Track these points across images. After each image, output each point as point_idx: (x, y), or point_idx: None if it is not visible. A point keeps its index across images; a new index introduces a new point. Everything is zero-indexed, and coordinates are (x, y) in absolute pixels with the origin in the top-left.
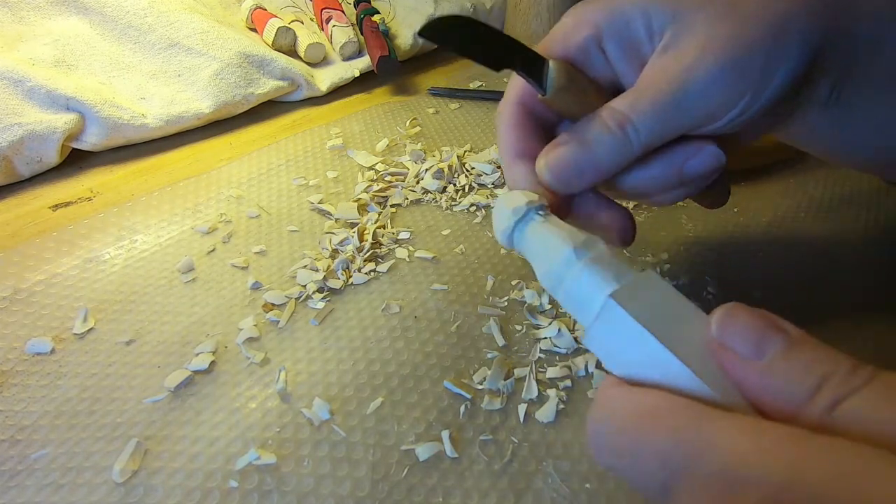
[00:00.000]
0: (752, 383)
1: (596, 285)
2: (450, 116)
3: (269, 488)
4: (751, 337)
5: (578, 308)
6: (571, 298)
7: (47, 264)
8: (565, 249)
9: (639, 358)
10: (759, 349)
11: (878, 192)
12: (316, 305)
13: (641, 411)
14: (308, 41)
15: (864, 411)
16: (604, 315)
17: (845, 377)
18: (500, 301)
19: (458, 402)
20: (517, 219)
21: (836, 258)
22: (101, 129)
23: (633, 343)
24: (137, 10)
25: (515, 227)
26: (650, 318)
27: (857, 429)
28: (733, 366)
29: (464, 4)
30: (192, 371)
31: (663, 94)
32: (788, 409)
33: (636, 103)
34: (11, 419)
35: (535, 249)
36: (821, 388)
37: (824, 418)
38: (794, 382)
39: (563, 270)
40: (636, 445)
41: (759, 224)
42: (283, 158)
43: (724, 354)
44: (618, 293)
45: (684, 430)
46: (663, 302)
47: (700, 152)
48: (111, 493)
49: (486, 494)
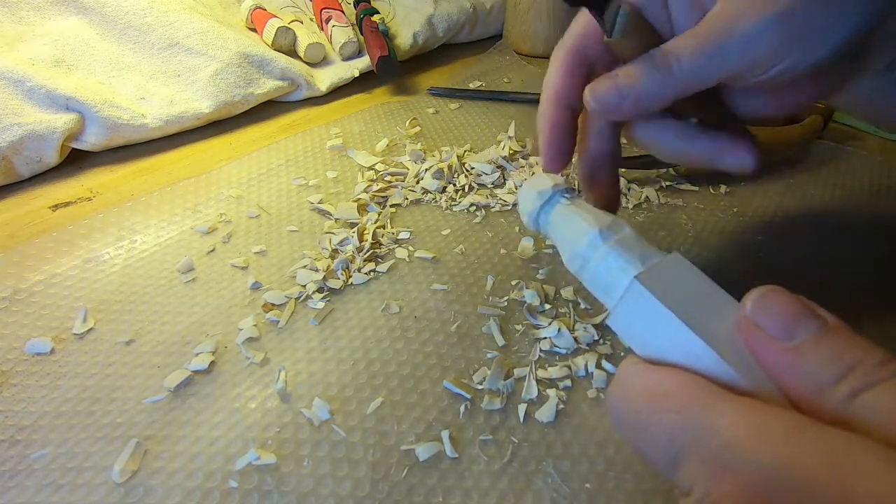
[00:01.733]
0: (777, 364)
1: (621, 267)
2: (449, 116)
3: (268, 488)
4: (784, 318)
5: (603, 290)
6: (596, 280)
7: (47, 264)
8: (591, 232)
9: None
10: (790, 331)
11: (878, 193)
12: (316, 305)
13: (655, 391)
14: (308, 41)
15: (882, 403)
16: (628, 297)
17: (873, 368)
18: (500, 301)
19: (458, 402)
20: (543, 202)
21: (836, 258)
22: (101, 129)
23: (657, 325)
24: (137, 10)
25: (541, 210)
26: (675, 300)
27: (873, 420)
28: (761, 345)
29: (463, 4)
30: (192, 371)
31: (709, 35)
32: (810, 394)
33: (684, 41)
34: (11, 419)
35: (560, 232)
36: (845, 376)
37: (842, 406)
38: (820, 367)
39: (589, 252)
40: (648, 424)
41: (759, 224)
42: (282, 158)
43: (754, 333)
44: (643, 275)
45: (691, 411)
46: (689, 284)
47: (739, 152)
48: (111, 494)
49: (486, 494)
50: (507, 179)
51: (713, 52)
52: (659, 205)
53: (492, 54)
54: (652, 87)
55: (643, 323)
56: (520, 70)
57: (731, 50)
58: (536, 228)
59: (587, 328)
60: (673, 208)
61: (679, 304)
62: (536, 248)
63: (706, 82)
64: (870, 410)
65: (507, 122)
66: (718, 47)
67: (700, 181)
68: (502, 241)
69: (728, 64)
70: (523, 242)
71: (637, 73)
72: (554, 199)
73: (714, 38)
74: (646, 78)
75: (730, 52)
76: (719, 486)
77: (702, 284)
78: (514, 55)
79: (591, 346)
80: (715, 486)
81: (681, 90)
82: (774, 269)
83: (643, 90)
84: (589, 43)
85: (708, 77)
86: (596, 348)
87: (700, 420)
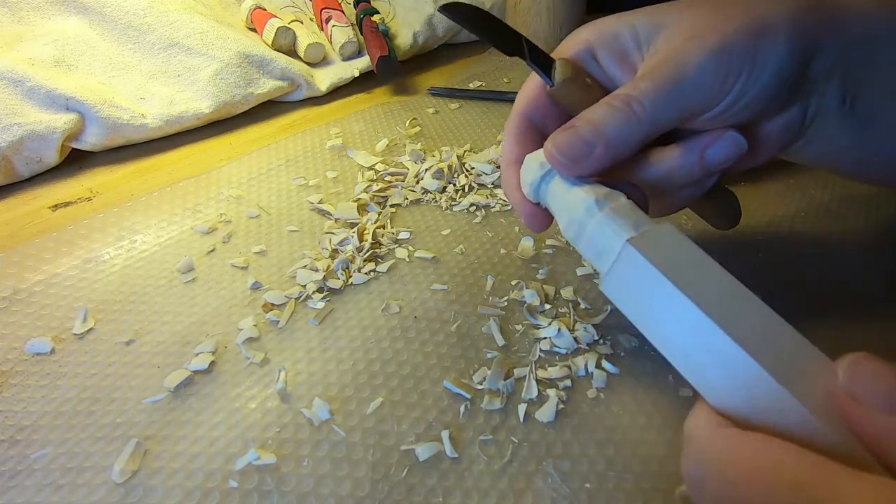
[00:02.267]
0: (880, 437)
1: (614, 233)
2: (449, 116)
3: (268, 488)
4: (886, 389)
5: (598, 256)
6: (591, 246)
7: (47, 264)
8: (588, 200)
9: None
10: (893, 402)
11: (878, 193)
12: (316, 305)
13: (759, 466)
14: (308, 41)
15: None
16: (621, 260)
17: None
18: (500, 301)
19: (458, 402)
20: (543, 172)
21: (836, 258)
22: (101, 129)
23: (649, 288)
24: (137, 10)
25: (542, 181)
26: (667, 264)
27: None
28: (860, 418)
29: None
30: (192, 371)
31: (662, 74)
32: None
33: (637, 85)
34: (11, 419)
35: (559, 201)
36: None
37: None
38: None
39: (585, 219)
40: (749, 500)
41: (759, 224)
42: (282, 158)
43: (851, 406)
44: (635, 239)
45: (813, 491)
46: (681, 251)
47: (721, 138)
48: (111, 494)
49: (486, 494)
50: None
51: (671, 89)
52: None
53: (492, 54)
54: (620, 131)
55: (636, 287)
56: (520, 70)
57: (686, 86)
58: (537, 198)
59: (587, 328)
60: None
61: (671, 268)
62: (536, 248)
63: (669, 121)
64: None
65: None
66: (675, 85)
67: None
68: (502, 241)
69: (686, 100)
70: (523, 242)
71: (599, 119)
72: (553, 170)
73: (670, 78)
74: (611, 123)
75: (685, 88)
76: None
77: (694, 252)
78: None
79: (591, 346)
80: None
81: (647, 132)
82: (774, 270)
83: (612, 135)
84: (537, 105)
85: (670, 115)
86: (596, 348)
87: (824, 500)
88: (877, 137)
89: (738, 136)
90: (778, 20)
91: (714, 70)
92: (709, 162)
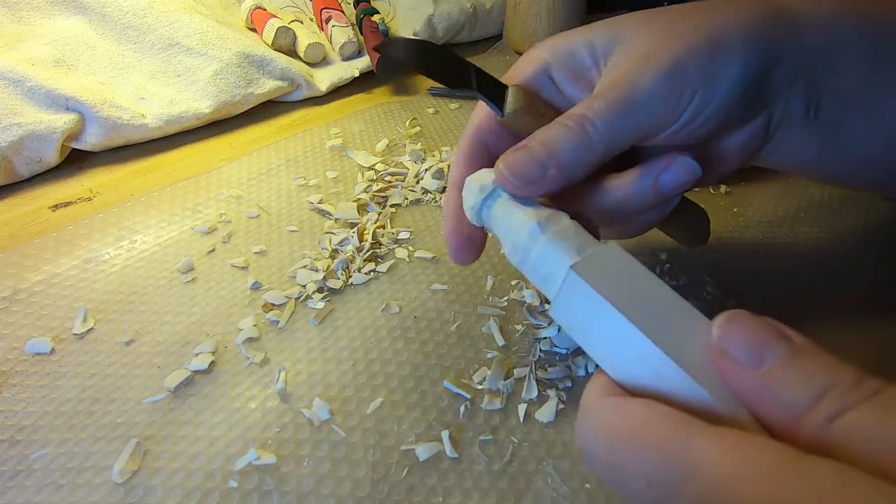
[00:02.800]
0: (750, 392)
1: (558, 258)
2: (449, 116)
3: (268, 488)
4: (752, 344)
5: (544, 281)
6: (537, 272)
7: (47, 265)
8: (529, 223)
9: (601, 330)
10: (759, 357)
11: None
12: (316, 305)
13: (627, 426)
14: (308, 41)
15: (862, 427)
16: (566, 287)
17: (847, 389)
18: (500, 301)
19: (458, 402)
20: (484, 196)
21: (836, 258)
22: (101, 129)
23: (594, 314)
24: (137, 10)
25: (483, 205)
26: (611, 289)
27: (854, 445)
28: (731, 373)
29: (463, 4)
30: (192, 371)
31: (615, 95)
32: (786, 420)
33: (591, 104)
34: (11, 419)
35: (501, 225)
36: (821, 400)
37: (820, 431)
38: (794, 392)
39: (529, 244)
40: (623, 464)
41: (759, 224)
42: (282, 158)
43: (723, 361)
44: (579, 265)
45: (669, 449)
46: (625, 273)
47: (674, 163)
48: (111, 494)
49: (486, 494)
50: None
51: (622, 107)
52: None
53: (492, 54)
54: (574, 152)
55: (581, 313)
56: None
57: (639, 108)
58: (479, 222)
59: None
60: None
61: (615, 293)
62: None
63: (624, 142)
64: (849, 435)
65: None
66: (628, 106)
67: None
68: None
69: (639, 121)
70: None
71: (552, 139)
72: (495, 193)
73: (622, 99)
74: (565, 143)
75: (639, 109)
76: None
77: (638, 274)
78: (514, 55)
79: None
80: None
81: (601, 153)
82: (774, 269)
83: (566, 157)
84: (489, 129)
85: (624, 136)
86: None
87: (680, 459)
88: (842, 144)
89: (691, 162)
90: (733, 35)
91: (667, 92)
92: (663, 188)
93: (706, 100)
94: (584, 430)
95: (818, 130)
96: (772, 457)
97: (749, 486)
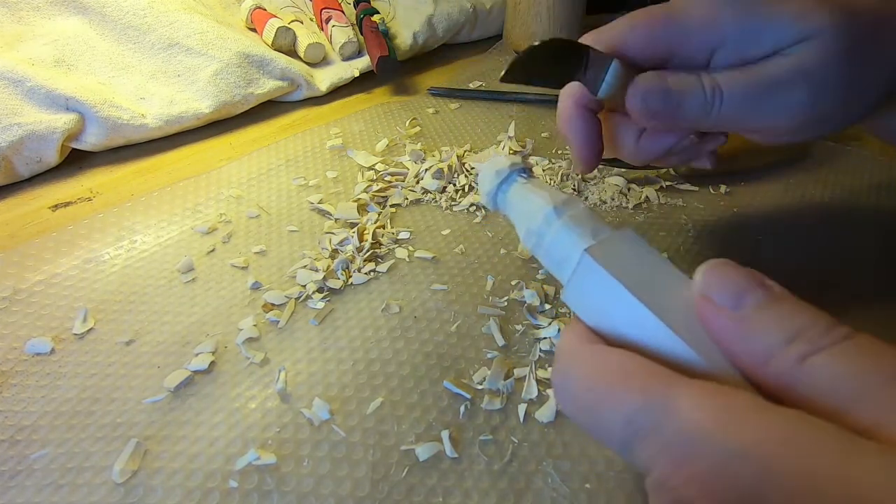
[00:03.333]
0: (727, 334)
1: (573, 242)
2: (449, 116)
3: (268, 488)
4: (731, 288)
5: (558, 265)
6: (551, 256)
7: (47, 265)
8: (545, 208)
9: (614, 313)
10: (737, 300)
11: (877, 193)
12: (316, 305)
13: (610, 369)
14: (308, 41)
15: (830, 368)
16: (580, 270)
17: (820, 333)
18: (500, 301)
19: (458, 402)
20: (500, 181)
21: (836, 258)
22: (101, 129)
23: (608, 298)
24: (137, 10)
25: (499, 189)
26: (626, 273)
27: (821, 385)
28: (711, 315)
29: (463, 4)
30: (192, 371)
31: (759, 84)
32: (758, 361)
33: (734, 79)
34: (11, 419)
35: (517, 209)
36: (793, 341)
37: (791, 371)
38: (767, 334)
39: (544, 228)
40: (603, 403)
41: (759, 224)
42: (282, 158)
43: (704, 305)
44: (593, 248)
45: (651, 393)
46: (641, 259)
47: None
48: (111, 494)
49: (486, 494)
50: None
51: (757, 98)
52: (659, 205)
53: (492, 54)
54: (691, 109)
55: (595, 297)
56: None
57: (771, 103)
58: (495, 207)
59: None
60: (673, 208)
61: (629, 276)
62: None
63: (739, 124)
64: (818, 375)
65: (507, 122)
66: (763, 96)
67: (700, 181)
68: (502, 241)
69: (763, 119)
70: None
71: (685, 90)
72: (511, 178)
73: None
74: (689, 98)
75: (770, 105)
76: (678, 470)
77: (653, 259)
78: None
79: None
80: (674, 471)
81: (713, 122)
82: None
83: (684, 108)
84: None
85: (741, 120)
86: None
87: (661, 402)
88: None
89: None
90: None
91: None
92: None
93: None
94: (563, 370)
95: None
96: (746, 405)
97: (721, 429)
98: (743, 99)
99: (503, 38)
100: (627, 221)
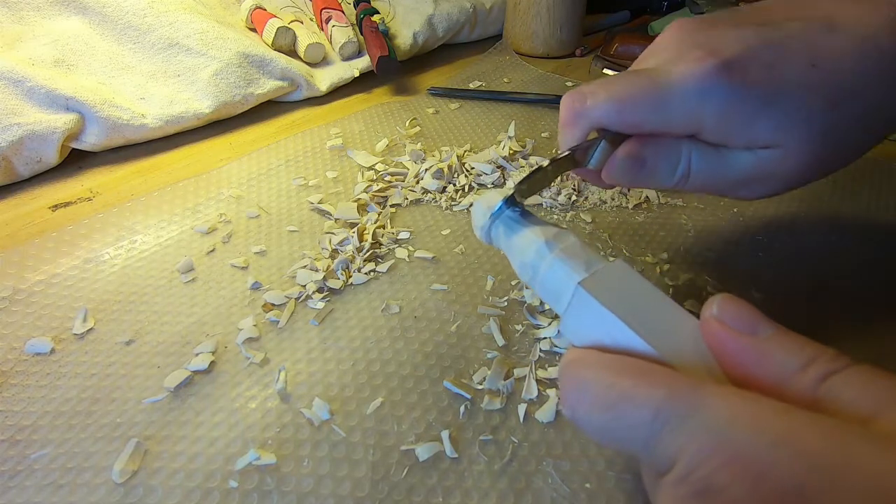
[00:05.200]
0: (744, 355)
1: (567, 275)
2: (449, 116)
3: (268, 488)
4: (748, 317)
5: (553, 298)
6: (546, 289)
7: (47, 265)
8: (538, 242)
9: (611, 343)
10: (754, 327)
11: (878, 193)
12: (316, 305)
13: (630, 367)
14: (308, 41)
15: (847, 387)
16: (575, 303)
17: (830, 359)
18: (500, 301)
19: (458, 402)
20: (492, 216)
21: (836, 258)
22: (101, 129)
23: (603, 328)
24: (137, 10)
25: (492, 224)
26: (619, 303)
27: (842, 400)
28: (727, 338)
29: (463, 4)
30: (192, 371)
31: (727, 174)
32: (777, 381)
33: (706, 161)
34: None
35: (510, 244)
36: (810, 365)
37: (811, 390)
38: (786, 357)
39: (537, 262)
40: (628, 397)
41: (759, 224)
42: (282, 158)
43: (721, 328)
44: (587, 281)
45: (679, 387)
46: (633, 289)
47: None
48: (111, 494)
49: (486, 494)
50: (507, 179)
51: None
52: (659, 205)
53: (492, 54)
54: (665, 183)
55: (591, 328)
56: (520, 70)
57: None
58: (489, 241)
59: None
60: (673, 208)
61: (623, 307)
62: None
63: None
64: (838, 392)
65: (507, 122)
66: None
67: None
68: None
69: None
70: None
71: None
72: (503, 212)
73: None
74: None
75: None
76: (710, 459)
77: (645, 289)
78: (514, 55)
79: None
80: (706, 460)
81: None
82: (774, 270)
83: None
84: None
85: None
86: None
87: (690, 395)
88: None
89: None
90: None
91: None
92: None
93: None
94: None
95: None
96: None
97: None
98: (714, 180)
99: (503, 38)
100: (627, 221)
